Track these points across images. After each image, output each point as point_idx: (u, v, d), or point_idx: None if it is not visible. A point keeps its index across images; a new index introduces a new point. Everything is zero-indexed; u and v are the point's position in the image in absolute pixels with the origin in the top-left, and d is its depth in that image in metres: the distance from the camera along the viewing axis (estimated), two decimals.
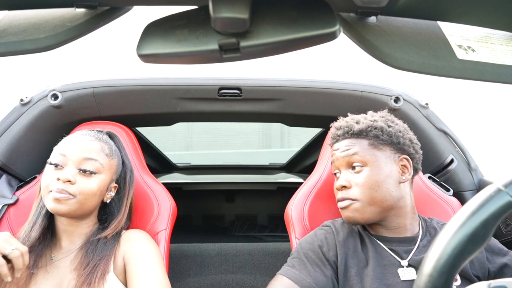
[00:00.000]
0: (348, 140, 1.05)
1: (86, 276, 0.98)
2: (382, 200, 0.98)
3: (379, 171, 1.00)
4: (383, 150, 1.02)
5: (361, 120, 1.06)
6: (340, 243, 1.02)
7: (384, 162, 1.01)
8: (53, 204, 1.00)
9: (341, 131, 1.07)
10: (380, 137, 1.02)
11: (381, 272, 0.95)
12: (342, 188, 1.02)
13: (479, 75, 0.54)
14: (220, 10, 0.45)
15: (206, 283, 2.05)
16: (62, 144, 1.06)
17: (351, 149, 1.03)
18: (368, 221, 1.01)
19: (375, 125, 1.04)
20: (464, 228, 0.48)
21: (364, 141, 1.03)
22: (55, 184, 1.00)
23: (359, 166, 1.01)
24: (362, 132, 1.03)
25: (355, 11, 0.54)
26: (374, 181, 0.99)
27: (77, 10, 0.55)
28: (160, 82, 1.40)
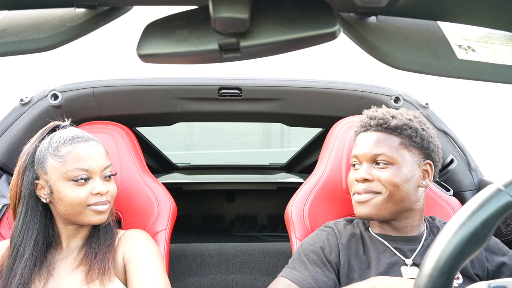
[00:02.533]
0: (380, 134, 1.00)
1: (100, 263, 0.99)
2: (401, 200, 0.97)
3: (403, 171, 0.97)
4: (412, 152, 1.00)
5: (398, 116, 1.02)
6: (343, 245, 1.01)
7: (410, 164, 0.99)
8: (97, 217, 1.01)
9: (375, 122, 1.01)
10: (413, 139, 0.99)
11: (384, 271, 0.95)
12: (364, 180, 0.99)
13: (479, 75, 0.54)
14: (220, 10, 0.45)
15: (206, 283, 2.05)
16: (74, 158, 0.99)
17: (381, 147, 0.99)
18: (381, 219, 1.00)
19: (410, 124, 1.00)
20: (464, 228, 0.48)
21: (396, 139, 0.99)
22: (94, 199, 1.00)
23: (384, 163, 0.98)
24: (397, 128, 0.99)
25: (355, 11, 0.54)
26: (400, 180, 0.97)
27: (77, 10, 0.55)
28: (160, 82, 1.40)
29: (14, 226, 1.02)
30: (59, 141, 1.01)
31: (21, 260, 0.98)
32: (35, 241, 1.00)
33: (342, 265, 0.98)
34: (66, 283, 0.99)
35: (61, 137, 1.02)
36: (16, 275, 0.96)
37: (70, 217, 1.00)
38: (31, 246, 0.99)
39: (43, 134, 1.07)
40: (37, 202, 1.03)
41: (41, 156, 1.01)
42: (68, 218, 1.01)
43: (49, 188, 1.00)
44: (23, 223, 1.01)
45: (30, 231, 1.00)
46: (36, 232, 1.01)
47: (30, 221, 1.01)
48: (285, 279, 0.96)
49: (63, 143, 1.00)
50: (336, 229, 1.05)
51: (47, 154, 1.00)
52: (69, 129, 1.08)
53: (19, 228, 1.01)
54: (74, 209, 0.99)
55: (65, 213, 1.00)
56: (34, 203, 1.02)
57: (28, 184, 1.02)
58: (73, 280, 0.99)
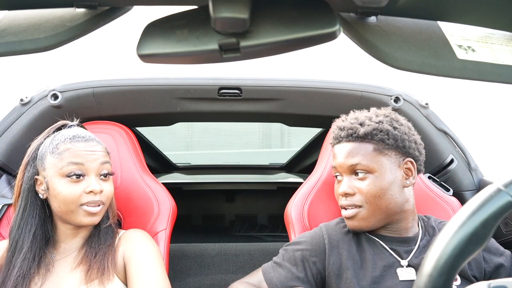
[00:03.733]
0: (351, 144, 0.99)
1: (100, 263, 0.98)
2: (387, 207, 0.96)
3: (384, 178, 0.96)
4: (388, 155, 0.98)
5: (366, 122, 1.00)
6: (333, 245, 1.01)
7: (389, 168, 0.97)
8: (88, 218, 1.00)
9: (345, 133, 1.01)
10: (386, 141, 0.97)
11: (380, 274, 0.95)
12: (345, 195, 0.99)
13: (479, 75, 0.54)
14: (220, 10, 0.45)
15: (206, 283, 2.05)
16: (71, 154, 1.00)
17: (355, 156, 0.97)
18: (373, 228, 0.99)
19: (380, 127, 0.98)
20: (464, 228, 0.48)
21: (369, 146, 0.97)
22: (87, 197, 0.99)
23: (363, 173, 0.97)
24: (367, 135, 0.98)
25: (355, 11, 0.54)
26: (379, 189, 0.95)
27: (77, 10, 0.55)
28: (160, 82, 1.40)
29: (13, 220, 1.03)
30: (60, 139, 1.02)
31: (20, 253, 0.98)
32: (34, 235, 1.00)
33: (331, 266, 0.98)
34: (66, 282, 0.99)
35: (62, 136, 1.03)
36: (15, 267, 0.97)
37: (64, 215, 1.00)
38: (29, 240, 0.99)
39: (49, 131, 1.08)
40: (36, 197, 1.03)
41: (42, 152, 1.03)
42: (62, 216, 1.01)
43: (46, 184, 1.00)
44: (22, 217, 1.02)
45: (28, 225, 1.01)
46: (34, 226, 1.01)
47: (28, 216, 1.02)
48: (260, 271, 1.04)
49: (63, 141, 1.01)
50: (325, 230, 1.05)
51: (47, 151, 1.02)
52: (73, 128, 1.09)
53: (18, 222, 1.01)
54: (67, 207, 0.99)
55: (59, 211, 1.00)
56: (33, 198, 1.03)
57: (28, 179, 1.03)
58: (73, 279, 0.99)
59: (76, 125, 1.11)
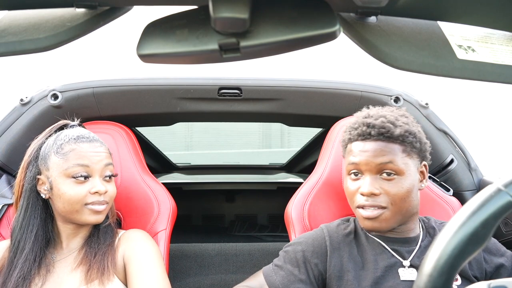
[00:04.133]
0: (382, 143, 0.94)
1: (99, 263, 0.99)
2: (407, 209, 0.95)
3: (408, 180, 0.94)
4: (413, 158, 0.96)
5: (397, 123, 0.96)
6: (334, 247, 1.00)
7: (413, 170, 0.95)
8: (93, 217, 1.01)
9: (375, 131, 0.95)
10: (414, 144, 0.96)
11: (381, 275, 0.94)
12: (371, 195, 0.94)
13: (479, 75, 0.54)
14: (220, 10, 0.45)
15: (206, 283, 2.05)
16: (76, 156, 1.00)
17: (386, 155, 0.93)
18: (389, 229, 0.98)
19: (410, 130, 0.96)
20: (464, 228, 0.48)
21: (398, 147, 0.94)
22: (92, 198, 1.00)
23: (392, 174, 0.93)
24: (399, 137, 0.94)
25: (355, 11, 0.54)
26: (405, 191, 0.93)
27: (77, 10, 0.55)
28: (160, 82, 1.40)
29: (15, 220, 1.03)
30: (64, 139, 1.02)
31: (22, 254, 0.99)
32: (36, 236, 1.01)
33: (332, 268, 0.97)
34: (66, 283, 0.99)
35: (66, 136, 1.03)
36: (16, 268, 0.97)
37: (68, 214, 1.01)
38: (31, 241, 1.00)
39: (51, 131, 1.08)
40: (37, 197, 1.03)
41: (45, 152, 1.03)
42: (65, 216, 1.02)
43: (49, 184, 1.01)
44: (24, 217, 1.02)
45: (30, 226, 1.01)
46: (36, 227, 1.02)
47: (30, 216, 1.02)
48: (261, 274, 1.02)
49: (67, 142, 1.02)
50: (327, 231, 1.04)
51: (51, 151, 1.02)
52: (76, 128, 1.09)
53: (20, 222, 1.02)
54: (71, 207, 0.99)
55: (62, 210, 1.00)
56: (34, 198, 1.03)
57: (30, 179, 1.03)
58: (73, 279, 0.99)
59: (77, 125, 1.12)
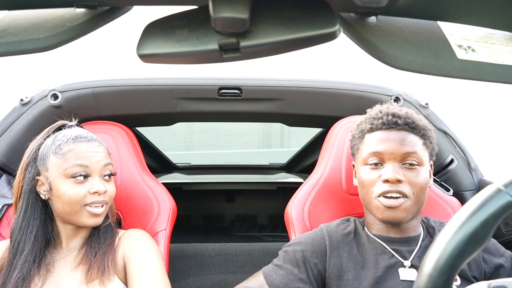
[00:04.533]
0: (407, 133, 0.97)
1: (100, 262, 0.99)
2: (422, 202, 0.97)
3: (426, 173, 0.97)
4: (428, 153, 1.00)
5: (419, 117, 1.01)
6: (333, 247, 1.00)
7: (428, 165, 0.99)
8: (92, 219, 1.00)
9: (402, 121, 0.97)
10: (431, 140, 1.00)
11: (382, 275, 0.94)
12: (397, 181, 0.93)
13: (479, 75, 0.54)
14: (220, 10, 0.45)
15: (206, 283, 2.05)
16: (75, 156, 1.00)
17: (411, 145, 0.95)
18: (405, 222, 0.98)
19: (429, 126, 1.01)
20: (464, 228, 0.48)
21: (419, 139, 0.98)
22: (92, 198, 1.00)
23: (414, 164, 0.95)
24: (422, 129, 0.98)
25: (355, 11, 0.54)
26: (424, 182, 0.95)
27: (77, 10, 0.55)
28: (160, 82, 1.40)
29: (14, 221, 1.03)
30: (62, 140, 1.02)
31: (21, 255, 0.98)
32: (35, 237, 1.01)
33: (331, 268, 0.97)
34: (66, 283, 0.99)
35: (64, 136, 1.03)
36: (15, 269, 0.97)
37: (67, 216, 1.00)
38: (31, 242, 1.00)
39: (49, 132, 1.08)
40: (37, 198, 1.03)
41: (43, 153, 1.02)
42: (64, 217, 1.01)
43: (48, 185, 1.00)
44: (24, 218, 1.02)
45: (30, 227, 1.01)
46: (36, 228, 1.01)
47: (30, 217, 1.02)
48: (261, 274, 1.02)
49: (66, 142, 1.02)
50: (326, 231, 1.04)
51: (49, 152, 1.01)
52: (74, 128, 1.09)
53: (20, 223, 1.01)
54: (71, 208, 0.99)
55: (62, 211, 1.00)
56: (34, 199, 1.03)
57: (29, 180, 1.03)
58: (73, 279, 0.99)
59: (75, 125, 1.11)
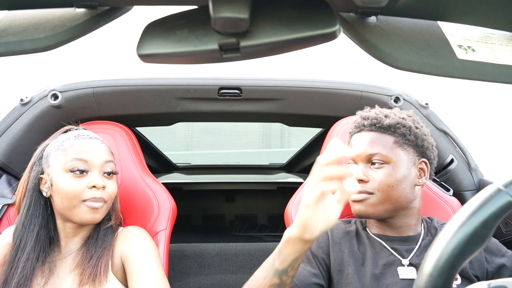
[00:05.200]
0: (373, 134, 1.01)
1: (92, 268, 0.98)
2: (397, 199, 0.98)
3: (399, 171, 0.98)
4: (407, 150, 1.00)
5: (390, 115, 1.03)
6: (335, 241, 1.01)
7: (406, 162, 0.99)
8: (90, 215, 1.00)
9: (368, 122, 1.02)
10: (407, 137, 1.00)
11: (380, 272, 0.95)
12: (359, 181, 0.98)
13: (479, 75, 0.54)
14: (220, 10, 0.45)
15: (206, 283, 2.05)
16: (75, 150, 1.02)
17: (375, 146, 0.99)
18: (378, 217, 1.00)
19: (403, 123, 1.01)
20: (464, 228, 0.48)
21: (390, 138, 1.00)
22: (90, 193, 1.00)
23: (380, 163, 0.98)
24: (390, 127, 1.00)
25: (355, 11, 0.54)
26: (394, 180, 0.97)
27: (77, 10, 0.55)
28: (160, 82, 1.40)
29: (18, 219, 1.04)
30: (65, 138, 1.05)
31: (23, 253, 0.99)
32: (37, 235, 1.01)
33: (332, 261, 0.99)
34: (64, 284, 0.99)
35: (68, 135, 1.07)
36: (18, 267, 0.97)
37: (65, 212, 1.01)
38: (33, 240, 1.00)
39: (56, 135, 1.11)
40: (39, 196, 1.04)
41: (48, 152, 1.05)
42: (63, 213, 1.02)
43: (50, 181, 1.02)
44: (26, 216, 1.03)
45: (32, 225, 1.02)
46: (38, 226, 1.02)
47: (32, 215, 1.03)
48: None
49: (68, 139, 1.04)
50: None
51: (52, 149, 1.04)
52: (79, 130, 1.12)
53: (23, 220, 1.03)
54: (69, 202, 0.99)
55: (61, 207, 1.01)
56: (37, 197, 1.04)
57: (34, 178, 1.04)
58: (69, 281, 0.99)
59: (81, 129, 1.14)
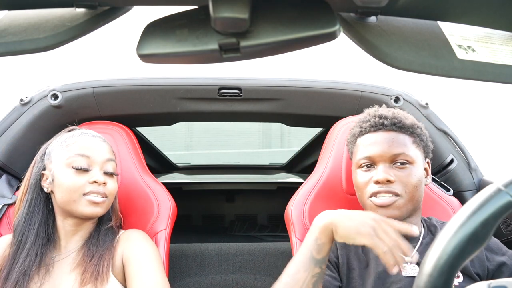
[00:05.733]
0: (395, 133, 0.99)
1: (94, 267, 0.99)
2: (418, 199, 0.98)
3: (419, 170, 0.98)
4: (420, 150, 1.01)
5: (407, 115, 1.03)
6: (341, 244, 1.02)
7: (421, 163, 1.00)
8: (90, 208, 1.01)
9: (388, 121, 0.99)
10: (422, 137, 1.02)
11: (383, 270, 0.96)
12: (387, 181, 0.95)
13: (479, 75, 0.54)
14: (220, 10, 0.45)
15: (206, 283, 2.05)
16: (78, 146, 1.04)
17: (399, 145, 0.97)
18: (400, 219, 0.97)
19: (418, 123, 1.02)
20: (464, 228, 0.48)
21: (409, 138, 0.99)
22: (90, 187, 1.01)
23: (404, 163, 0.97)
24: (410, 127, 1.00)
25: (355, 11, 0.54)
26: (417, 180, 0.97)
27: (77, 10, 0.55)
28: (160, 82, 1.40)
29: (19, 215, 1.05)
30: (69, 135, 1.07)
31: (24, 248, 1.00)
32: (37, 231, 1.02)
33: (341, 264, 0.99)
34: (63, 284, 0.99)
35: (71, 133, 1.09)
36: (18, 262, 0.99)
37: (66, 206, 1.01)
38: (33, 236, 1.01)
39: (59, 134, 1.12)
40: (40, 192, 1.06)
41: (51, 149, 1.07)
42: (64, 207, 1.02)
43: (52, 176, 1.03)
44: (28, 211, 1.04)
45: (33, 221, 1.03)
46: (38, 222, 1.03)
47: (33, 211, 1.04)
48: None
49: (71, 136, 1.07)
50: None
51: (56, 146, 1.06)
52: (82, 129, 1.13)
53: (24, 216, 1.04)
54: (69, 196, 1.00)
55: (61, 201, 1.02)
56: (38, 193, 1.05)
57: (36, 175, 1.06)
58: (69, 281, 0.99)
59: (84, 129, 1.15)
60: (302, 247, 0.85)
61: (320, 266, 0.82)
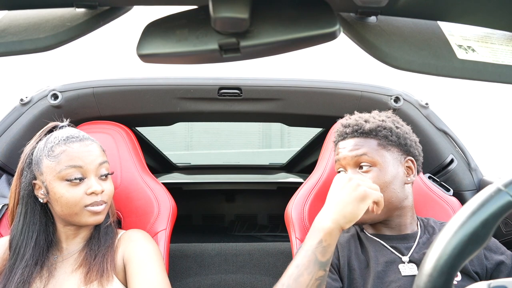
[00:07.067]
0: (356, 139, 1.03)
1: (99, 265, 0.98)
2: (389, 200, 0.99)
3: (387, 172, 1.00)
4: (391, 151, 1.02)
5: (370, 119, 1.06)
6: (342, 245, 1.02)
7: (392, 163, 1.01)
8: (93, 218, 1.00)
9: (350, 129, 1.05)
10: (389, 138, 1.02)
11: (382, 269, 0.96)
12: None
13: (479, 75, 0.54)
14: (220, 10, 0.45)
15: (206, 283, 2.05)
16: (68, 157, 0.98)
17: (360, 148, 1.01)
18: (374, 221, 1.01)
19: (384, 125, 1.04)
20: (464, 228, 0.48)
21: (373, 141, 1.02)
22: (90, 198, 0.99)
23: (368, 166, 1.00)
24: (371, 131, 1.03)
25: (355, 11, 0.54)
26: (382, 182, 0.98)
27: (77, 10, 0.55)
28: (160, 82, 1.40)
29: (14, 227, 1.02)
30: (54, 142, 1.01)
31: (22, 260, 0.98)
32: (36, 242, 1.00)
33: (342, 266, 0.99)
34: (66, 285, 0.99)
35: (56, 138, 1.02)
36: (16, 274, 0.97)
37: (67, 217, 1.00)
38: (31, 247, 0.99)
39: (41, 135, 1.07)
40: (35, 202, 1.03)
41: (37, 157, 1.01)
42: (65, 219, 1.01)
43: (45, 188, 1.00)
44: (24, 223, 1.01)
45: (30, 232, 1.01)
46: (36, 232, 1.01)
47: (30, 222, 1.01)
48: None
49: (57, 143, 1.00)
50: None
51: (42, 155, 1.00)
52: (65, 129, 1.07)
53: (20, 229, 1.01)
54: (70, 210, 0.98)
55: (61, 214, 1.00)
56: (32, 204, 1.02)
57: (26, 185, 1.02)
58: (73, 281, 0.99)
59: (67, 126, 1.10)
60: (304, 250, 0.85)
61: (324, 268, 0.83)
